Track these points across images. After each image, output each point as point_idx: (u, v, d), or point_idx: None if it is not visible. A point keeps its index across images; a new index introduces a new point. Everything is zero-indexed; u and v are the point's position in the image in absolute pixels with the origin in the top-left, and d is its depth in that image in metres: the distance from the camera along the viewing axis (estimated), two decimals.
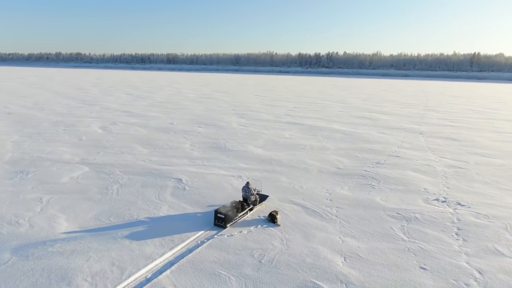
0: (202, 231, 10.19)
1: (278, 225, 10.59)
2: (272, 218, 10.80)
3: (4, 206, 11.60)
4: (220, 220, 10.47)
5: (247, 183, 11.91)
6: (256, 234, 10.08)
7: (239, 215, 10.94)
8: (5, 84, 67.24)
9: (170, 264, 8.51)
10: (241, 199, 11.75)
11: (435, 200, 12.98)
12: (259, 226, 10.59)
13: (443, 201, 12.86)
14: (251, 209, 11.60)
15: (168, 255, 8.87)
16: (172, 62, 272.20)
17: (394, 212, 11.74)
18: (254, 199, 11.77)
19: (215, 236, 9.92)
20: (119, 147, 19.87)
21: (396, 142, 23.02)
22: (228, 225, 10.49)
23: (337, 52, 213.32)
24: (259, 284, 7.72)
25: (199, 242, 9.61)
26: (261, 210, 11.71)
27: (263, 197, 12.35)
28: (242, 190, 11.82)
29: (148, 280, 7.85)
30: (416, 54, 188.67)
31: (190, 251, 9.12)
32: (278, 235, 10.04)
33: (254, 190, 12.03)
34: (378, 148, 21.01)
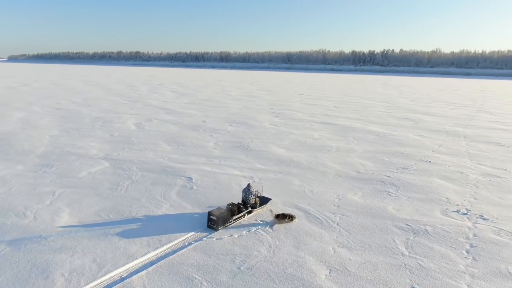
0: (193, 233, 10.07)
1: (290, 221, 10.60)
2: (283, 217, 10.59)
3: (19, 197, 12.24)
4: (213, 222, 10.29)
5: (248, 185, 11.64)
6: (246, 238, 9.78)
7: (234, 218, 10.67)
8: (66, 82, 72.07)
9: (149, 264, 8.46)
10: (240, 201, 11.49)
11: (455, 211, 11.86)
12: (253, 230, 10.27)
13: (464, 214, 11.72)
14: (249, 212, 11.30)
15: (151, 255, 8.84)
16: (224, 60, 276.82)
17: (403, 223, 10.87)
18: (253, 202, 11.46)
19: (204, 238, 9.76)
20: (145, 143, 20.38)
21: (433, 146, 21.51)
22: (220, 228, 10.27)
23: (392, 50, 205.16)
24: None
25: (186, 243, 9.49)
26: (260, 214, 11.36)
27: (264, 200, 11.98)
28: (243, 192, 11.56)
29: (122, 280, 7.85)
30: (480, 51, 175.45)
31: (173, 252, 9.02)
32: (268, 241, 9.67)
33: (256, 192, 11.73)
34: (410, 152, 19.74)
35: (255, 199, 11.49)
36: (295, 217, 10.80)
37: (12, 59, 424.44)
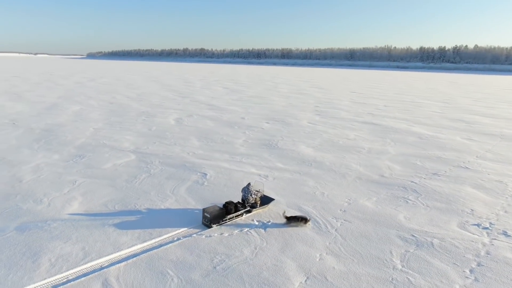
0: (186, 228, 10.18)
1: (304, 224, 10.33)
2: (294, 220, 10.35)
3: (43, 185, 13.20)
4: (206, 219, 10.32)
5: (248, 184, 11.50)
6: (235, 238, 9.67)
7: (229, 216, 10.60)
8: (129, 77, 76.46)
9: (132, 256, 8.69)
10: (240, 200, 11.40)
11: (475, 225, 10.76)
12: (245, 230, 10.13)
13: (485, 228, 10.59)
14: (248, 212, 11.16)
15: (136, 248, 9.08)
16: (286, 57, 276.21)
17: (409, 234, 10.09)
18: (253, 201, 11.29)
19: (194, 235, 9.81)
20: (176, 138, 20.97)
21: (478, 151, 19.70)
22: (213, 225, 10.26)
23: (466, 46, 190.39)
24: None
25: (174, 238, 9.62)
26: (259, 214, 11.17)
27: (267, 200, 11.76)
28: (242, 191, 11.45)
29: (100, 269, 8.15)
30: None
31: (158, 246, 9.18)
32: (255, 242, 9.48)
33: (258, 192, 11.56)
34: (449, 157, 18.26)
35: (255, 198, 11.30)
36: (309, 220, 10.42)
37: (90, 56, 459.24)
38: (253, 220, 10.78)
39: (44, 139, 19.95)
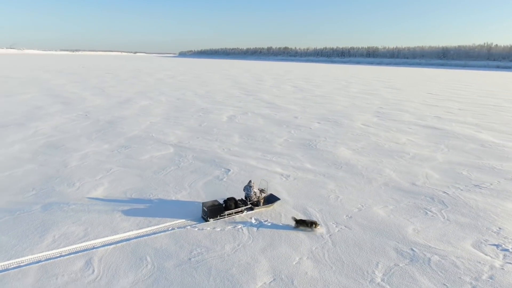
0: (184, 220, 10.64)
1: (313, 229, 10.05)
2: (303, 223, 10.13)
3: (83, 170, 14.71)
4: (204, 213, 10.68)
5: (249, 181, 11.59)
6: (224, 233, 9.89)
7: (228, 212, 10.82)
8: (207, 75, 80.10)
9: (123, 241, 9.39)
10: (244, 197, 11.54)
11: (493, 245, 9.62)
12: (239, 227, 10.29)
13: (504, 250, 9.42)
14: (250, 209, 11.27)
15: (130, 233, 9.77)
16: (371, 56, 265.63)
17: (408, 247, 9.38)
18: (255, 199, 11.37)
19: (188, 227, 10.24)
20: (220, 135, 21.69)
21: None
22: (210, 220, 10.58)
23: None
24: (161, 279, 7.80)
25: (169, 228, 10.13)
26: (261, 213, 11.22)
27: (271, 200, 11.74)
28: (244, 189, 11.58)
29: (92, 248, 8.96)
30: None
31: (151, 234, 9.77)
32: (241, 239, 9.60)
33: (262, 191, 11.62)
34: (506, 168, 16.34)
35: (258, 196, 11.36)
36: (318, 224, 10.16)
37: (182, 54, 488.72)
38: (251, 218, 10.86)
39: (103, 130, 22.03)
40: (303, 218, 10.58)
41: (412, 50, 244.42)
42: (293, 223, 10.32)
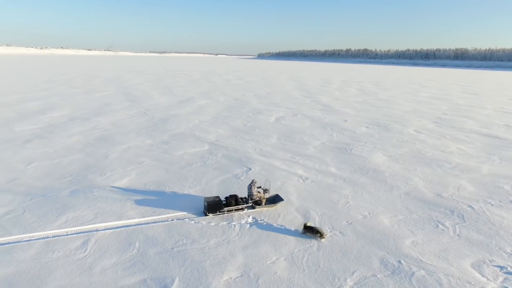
0: (185, 213, 11.26)
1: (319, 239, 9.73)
2: (310, 230, 9.86)
3: (119, 163, 16.10)
4: (204, 208, 11.20)
5: (252, 180, 11.83)
6: (216, 228, 10.30)
7: (227, 208, 11.20)
8: (276, 77, 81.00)
9: (123, 227, 10.27)
10: (247, 196, 11.84)
11: (497, 267, 8.78)
12: (233, 224, 10.62)
13: (507, 272, 8.56)
14: (251, 207, 11.53)
15: (132, 221, 10.62)
16: (459, 58, 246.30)
17: (396, 260, 8.96)
18: (257, 198, 11.60)
19: (186, 219, 10.83)
20: (260, 135, 22.12)
21: None
22: (210, 214, 11.06)
23: None
24: (138, 264, 8.46)
25: (168, 219, 10.81)
26: (262, 212, 11.43)
27: (275, 200, 11.88)
28: (248, 187, 11.86)
29: (94, 231, 9.95)
30: None
31: (149, 223, 10.52)
32: (229, 235, 9.92)
33: (265, 191, 11.82)
34: None
35: (259, 196, 11.57)
36: (324, 235, 9.77)
37: (260, 56, 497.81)
38: (249, 216, 11.12)
39: (153, 127, 23.70)
40: (313, 225, 10.19)
41: (508, 52, 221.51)
42: (295, 226, 10.35)
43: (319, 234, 9.80)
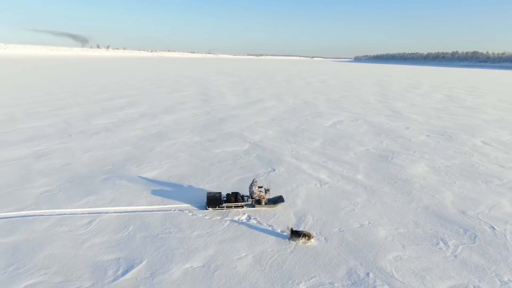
0: (189, 205, 12.11)
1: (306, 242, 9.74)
2: (296, 234, 9.80)
3: (159, 156, 17.66)
4: (206, 202, 11.95)
5: (253, 180, 12.19)
6: (206, 222, 10.93)
7: (226, 204, 11.77)
8: (359, 80, 78.56)
9: (127, 212, 11.47)
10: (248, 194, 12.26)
11: None
12: (225, 220, 11.15)
13: None
14: (251, 206, 11.94)
15: (139, 208, 11.77)
16: None
17: (365, 272, 8.65)
18: (257, 197, 11.96)
19: (186, 210, 11.67)
20: (305, 138, 22.16)
21: None
22: (209, 208, 11.76)
23: None
24: (121, 244, 9.51)
25: (171, 209, 11.73)
26: (261, 211, 11.77)
27: (277, 201, 12.10)
28: (249, 186, 12.25)
29: (104, 213, 11.32)
30: None
31: (153, 211, 11.58)
32: (215, 229, 10.47)
33: (267, 191, 12.12)
34: None
35: (259, 195, 11.91)
36: (312, 236, 9.86)
37: (357, 59, 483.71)
38: (245, 213, 11.55)
39: (209, 125, 25.19)
40: (299, 230, 10.20)
41: None
42: (281, 228, 10.56)
43: (307, 237, 9.81)
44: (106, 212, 11.35)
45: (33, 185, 13.44)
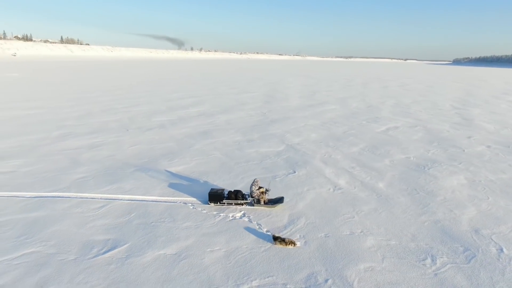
0: (194, 199, 12.95)
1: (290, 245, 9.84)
2: (280, 241, 9.86)
3: (194, 152, 18.86)
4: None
5: (254, 180, 12.56)
6: (202, 215, 11.61)
7: (227, 201, 12.36)
8: (444, 85, 72.91)
9: (137, 200, 12.64)
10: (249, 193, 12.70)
11: None
12: (222, 214, 11.73)
13: None
14: (250, 204, 12.37)
15: (150, 197, 12.88)
16: None
17: (324, 279, 8.61)
18: (257, 197, 12.34)
19: (188, 204, 12.50)
20: (346, 143, 21.71)
21: None
22: (211, 203, 12.47)
23: None
24: (117, 228, 10.66)
25: (177, 202, 12.65)
26: (260, 210, 12.16)
27: (277, 201, 12.36)
28: (250, 186, 12.67)
29: (117, 200, 12.69)
30: None
31: (159, 201, 12.62)
32: (206, 223, 11.11)
33: (267, 191, 12.45)
34: None
35: (259, 195, 12.27)
36: (295, 243, 9.90)
37: (456, 62, 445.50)
38: (241, 211, 12.04)
39: (257, 126, 25.90)
40: (282, 236, 10.22)
41: None
42: (266, 228, 10.88)
43: (291, 244, 9.89)
44: (120, 199, 12.65)
45: (74, 171, 15.41)
